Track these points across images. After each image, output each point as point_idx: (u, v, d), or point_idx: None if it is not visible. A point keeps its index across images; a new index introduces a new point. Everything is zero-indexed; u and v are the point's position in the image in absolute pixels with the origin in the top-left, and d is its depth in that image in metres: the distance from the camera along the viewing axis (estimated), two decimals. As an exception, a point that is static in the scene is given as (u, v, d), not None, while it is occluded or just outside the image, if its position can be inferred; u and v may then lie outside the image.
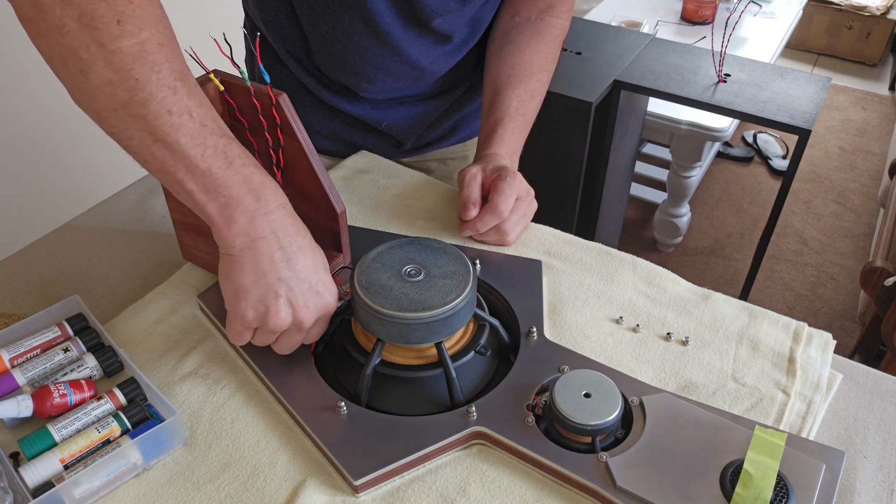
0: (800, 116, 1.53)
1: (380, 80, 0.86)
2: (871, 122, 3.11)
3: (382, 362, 0.60)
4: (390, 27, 0.78)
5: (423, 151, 1.02)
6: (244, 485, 0.55)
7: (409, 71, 0.86)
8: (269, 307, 0.56)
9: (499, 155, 0.80)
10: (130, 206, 0.86)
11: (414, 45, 0.82)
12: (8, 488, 0.52)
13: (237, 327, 0.58)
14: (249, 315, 0.56)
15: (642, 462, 0.54)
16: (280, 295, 0.56)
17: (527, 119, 0.86)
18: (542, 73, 0.88)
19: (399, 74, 0.86)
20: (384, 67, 0.84)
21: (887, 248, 1.71)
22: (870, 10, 3.34)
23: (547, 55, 0.88)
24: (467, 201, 0.75)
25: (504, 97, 0.84)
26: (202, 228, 0.68)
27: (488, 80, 0.88)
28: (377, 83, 0.87)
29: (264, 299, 0.56)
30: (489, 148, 0.81)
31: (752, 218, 2.55)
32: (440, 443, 0.56)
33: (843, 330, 2.11)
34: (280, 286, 0.56)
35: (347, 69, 0.85)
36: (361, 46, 0.81)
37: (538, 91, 0.87)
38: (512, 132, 0.83)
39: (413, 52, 0.83)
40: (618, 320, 0.69)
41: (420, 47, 0.83)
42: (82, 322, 0.65)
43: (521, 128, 0.85)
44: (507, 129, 0.83)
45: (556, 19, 0.89)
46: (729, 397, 0.62)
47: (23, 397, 0.57)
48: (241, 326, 0.57)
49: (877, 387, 0.65)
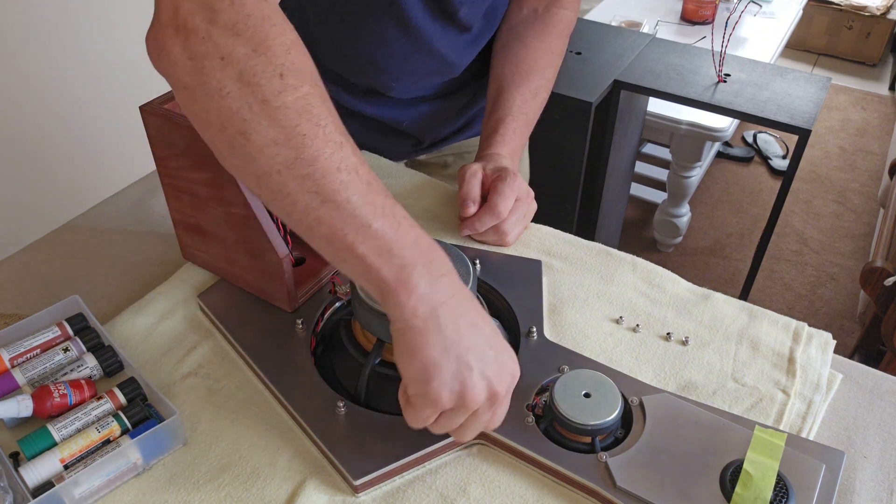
0: (800, 116, 1.53)
1: (406, 77, 0.86)
2: (871, 122, 3.11)
3: (382, 362, 0.60)
4: (420, 22, 0.78)
5: (439, 146, 1.02)
6: (244, 485, 0.55)
7: (435, 65, 0.86)
8: (465, 381, 0.49)
9: (500, 155, 0.80)
10: (130, 206, 0.86)
11: (441, 37, 0.82)
12: (8, 488, 0.52)
13: (427, 412, 0.51)
14: (444, 395, 0.49)
15: (642, 462, 0.54)
16: (473, 367, 0.49)
17: (529, 118, 0.85)
18: (548, 69, 0.87)
19: (425, 69, 0.86)
20: (411, 63, 0.84)
21: (887, 248, 1.71)
22: (870, 10, 3.34)
23: (552, 51, 0.87)
24: (466, 198, 0.75)
25: (507, 95, 0.84)
26: (202, 228, 0.68)
27: (493, 76, 0.88)
28: (404, 81, 0.87)
29: (458, 374, 0.49)
30: (490, 147, 0.81)
31: (752, 218, 2.55)
32: (440, 443, 0.56)
33: (843, 330, 2.11)
34: (470, 357, 0.50)
35: (373, 70, 0.84)
36: (388, 45, 0.80)
37: (542, 88, 0.86)
38: (514, 132, 0.83)
39: (441, 44, 0.82)
40: (618, 320, 0.69)
41: (446, 39, 0.83)
42: (82, 322, 0.65)
43: (522, 127, 0.84)
44: (509, 129, 0.82)
45: (564, 10, 0.88)
46: (729, 397, 0.62)
47: (23, 397, 0.57)
48: (432, 410, 0.50)
49: (877, 387, 0.65)
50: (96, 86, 1.87)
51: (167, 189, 0.68)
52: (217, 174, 0.60)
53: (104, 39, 1.84)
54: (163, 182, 0.68)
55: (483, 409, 0.51)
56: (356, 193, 0.48)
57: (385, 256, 0.49)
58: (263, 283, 0.66)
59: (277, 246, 0.62)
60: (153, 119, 0.62)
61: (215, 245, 0.68)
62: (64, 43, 1.76)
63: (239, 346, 0.64)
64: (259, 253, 0.64)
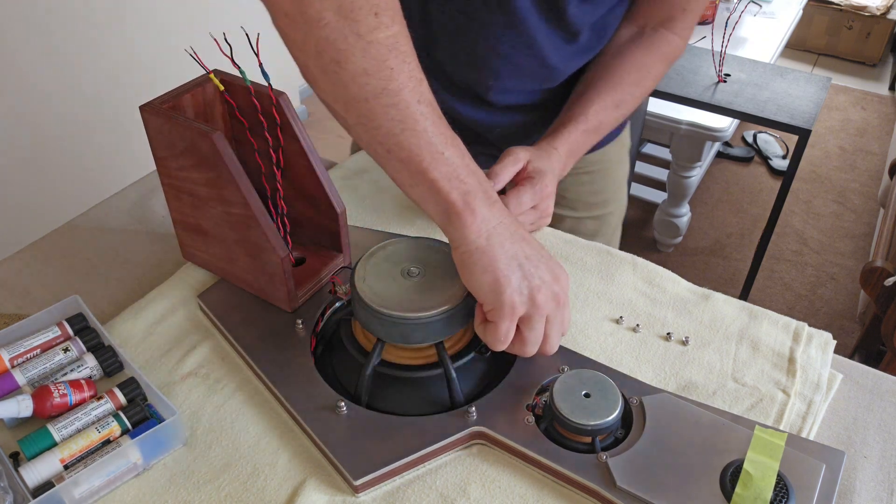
0: (800, 116, 1.53)
1: (506, 76, 0.85)
2: (871, 122, 3.11)
3: (382, 362, 0.60)
4: (526, 14, 0.77)
5: None
6: (244, 485, 0.55)
7: (537, 68, 0.84)
8: (532, 285, 0.56)
9: (555, 150, 0.79)
10: (130, 206, 0.86)
11: (545, 36, 0.80)
12: (8, 488, 0.52)
13: (507, 323, 0.56)
14: (517, 301, 0.55)
15: (642, 462, 0.54)
16: (533, 273, 0.56)
17: (601, 126, 0.83)
18: (636, 87, 0.84)
19: (527, 70, 0.84)
20: (513, 61, 0.83)
21: (887, 248, 1.71)
22: (870, 10, 3.34)
23: (647, 70, 0.84)
24: (491, 174, 0.74)
25: (587, 98, 0.82)
26: (202, 228, 0.68)
27: (582, 78, 0.86)
28: (503, 80, 0.85)
29: (524, 280, 0.56)
30: (552, 140, 0.80)
31: (752, 218, 2.55)
32: (440, 443, 0.56)
33: (843, 330, 2.11)
34: (529, 265, 0.56)
35: (476, 63, 0.84)
36: (494, 37, 0.80)
37: (625, 103, 0.83)
38: (581, 133, 0.81)
39: (544, 44, 0.81)
40: (618, 320, 0.69)
41: (550, 40, 0.81)
42: (82, 322, 0.65)
43: (591, 132, 0.82)
44: (577, 130, 0.80)
45: (671, 35, 0.84)
46: (729, 397, 0.62)
47: (23, 397, 0.57)
48: (510, 320, 0.56)
49: (877, 387, 0.65)
50: (97, 86, 1.87)
51: (167, 189, 0.68)
52: (217, 174, 0.60)
53: (104, 39, 1.84)
54: (163, 182, 0.68)
55: (552, 312, 0.57)
56: (433, 124, 0.54)
57: (454, 182, 0.55)
58: (263, 283, 0.66)
59: (277, 246, 0.62)
60: (153, 119, 0.62)
61: (215, 245, 0.68)
62: (64, 43, 1.76)
63: (239, 346, 0.64)
64: (259, 253, 0.64)
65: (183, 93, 0.64)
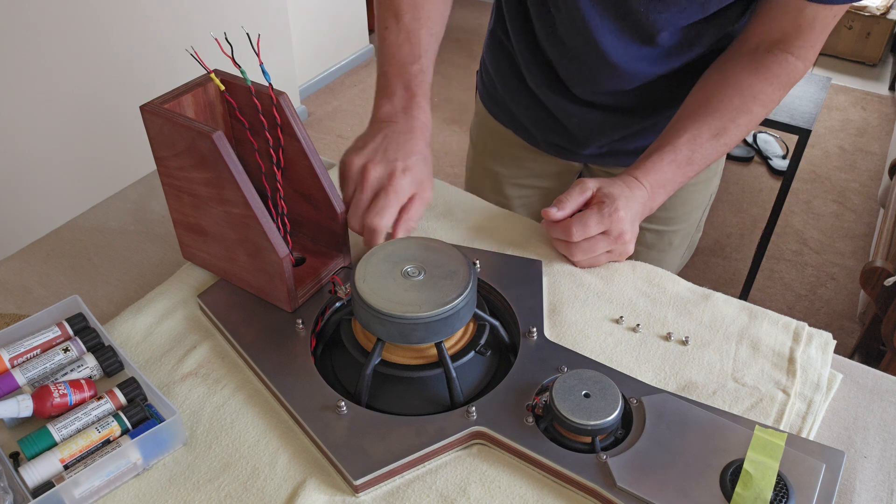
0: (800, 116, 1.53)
1: (583, 71, 0.84)
2: (871, 122, 3.11)
3: (382, 362, 0.60)
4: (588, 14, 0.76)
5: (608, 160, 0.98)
6: (244, 485, 0.55)
7: (601, 64, 0.81)
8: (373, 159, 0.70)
9: (636, 182, 0.74)
10: (130, 206, 0.86)
11: (608, 32, 0.78)
12: (8, 488, 0.52)
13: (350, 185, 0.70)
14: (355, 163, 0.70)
15: (642, 462, 0.54)
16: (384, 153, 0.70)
17: (695, 157, 0.75)
18: (742, 115, 0.75)
19: (588, 64, 0.82)
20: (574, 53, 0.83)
21: (887, 248, 1.71)
22: (870, 10, 3.34)
23: (755, 95, 0.75)
24: (557, 202, 0.72)
25: (681, 126, 0.76)
26: (202, 228, 0.68)
27: (683, 101, 0.79)
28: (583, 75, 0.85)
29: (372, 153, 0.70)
30: (634, 170, 0.75)
31: (752, 218, 2.55)
32: (440, 443, 0.56)
33: (843, 330, 2.11)
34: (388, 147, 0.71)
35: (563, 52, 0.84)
36: (570, 34, 0.81)
37: (726, 132, 0.75)
38: (669, 164, 0.74)
39: (603, 40, 0.78)
40: (618, 320, 0.69)
41: (614, 36, 0.78)
42: (82, 322, 0.65)
43: (683, 163, 0.75)
44: (664, 160, 0.74)
45: (788, 56, 0.75)
46: (729, 397, 0.62)
47: (23, 397, 0.57)
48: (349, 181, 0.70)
49: (877, 387, 0.65)
50: (97, 86, 1.87)
51: (167, 189, 0.68)
52: (217, 174, 0.60)
53: (104, 39, 1.84)
54: (163, 182, 0.67)
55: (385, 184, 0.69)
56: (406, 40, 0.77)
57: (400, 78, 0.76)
58: (263, 283, 0.66)
59: (277, 246, 0.62)
60: (153, 119, 0.62)
61: (215, 245, 0.68)
62: (64, 43, 1.76)
63: (239, 346, 0.64)
64: (259, 253, 0.64)
65: (183, 93, 0.64)
